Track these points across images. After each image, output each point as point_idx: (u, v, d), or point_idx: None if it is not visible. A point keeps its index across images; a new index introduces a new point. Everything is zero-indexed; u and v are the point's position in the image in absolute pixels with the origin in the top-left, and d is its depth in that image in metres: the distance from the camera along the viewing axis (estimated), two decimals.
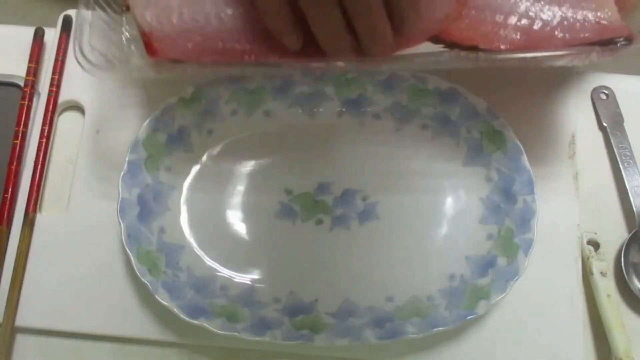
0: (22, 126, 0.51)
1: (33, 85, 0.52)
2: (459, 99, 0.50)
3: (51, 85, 0.52)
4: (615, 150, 0.52)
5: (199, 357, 0.47)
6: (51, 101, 0.52)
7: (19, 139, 0.51)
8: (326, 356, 0.46)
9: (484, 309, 0.44)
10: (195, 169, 0.50)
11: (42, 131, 0.51)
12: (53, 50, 0.53)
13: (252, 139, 0.51)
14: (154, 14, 0.44)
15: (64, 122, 0.53)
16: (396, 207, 0.50)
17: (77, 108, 0.53)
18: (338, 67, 0.44)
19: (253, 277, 0.48)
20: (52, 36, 0.54)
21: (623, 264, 0.49)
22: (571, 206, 0.50)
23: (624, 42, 0.42)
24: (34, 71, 0.53)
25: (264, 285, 0.47)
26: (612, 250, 0.50)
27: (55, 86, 0.52)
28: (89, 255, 0.48)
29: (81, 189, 0.50)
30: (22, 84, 0.53)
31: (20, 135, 0.51)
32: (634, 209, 0.51)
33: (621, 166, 0.52)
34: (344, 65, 0.44)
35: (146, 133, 0.48)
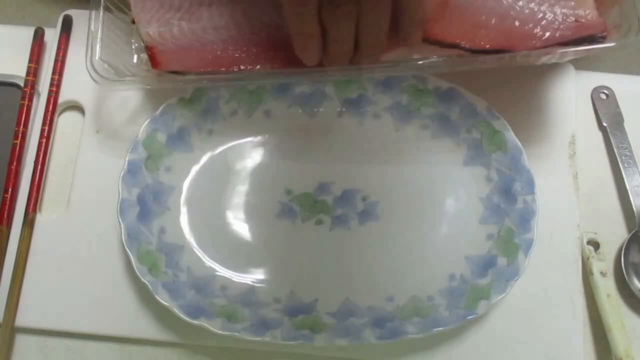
0: (22, 126, 0.51)
1: (33, 85, 0.52)
2: (459, 99, 0.50)
3: (51, 85, 0.52)
4: (615, 150, 0.52)
5: (199, 357, 0.47)
6: (51, 101, 0.52)
7: (19, 139, 0.51)
8: (326, 356, 0.46)
9: (484, 309, 0.44)
10: (195, 169, 0.50)
11: (42, 131, 0.51)
12: (53, 50, 0.53)
13: (252, 139, 0.52)
14: (156, 29, 0.46)
15: (64, 122, 0.53)
16: (396, 207, 0.50)
17: (77, 108, 0.53)
18: (334, 73, 0.46)
19: (253, 277, 0.48)
20: (52, 36, 0.54)
21: (623, 264, 0.49)
22: (571, 206, 0.50)
23: (600, 39, 0.42)
24: (34, 71, 0.53)
25: (264, 285, 0.47)
26: (612, 250, 0.50)
27: (55, 86, 0.52)
28: (89, 255, 0.48)
29: (81, 189, 0.50)
30: (22, 84, 0.53)
31: (20, 135, 0.51)
32: (634, 209, 0.51)
33: (621, 166, 0.52)
34: (341, 71, 0.45)
35: (146, 133, 0.48)
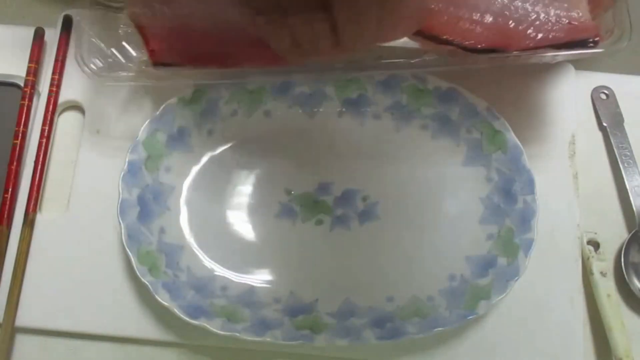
0: (22, 126, 0.51)
1: (33, 85, 0.52)
2: (459, 99, 0.50)
3: (51, 85, 0.52)
4: (615, 150, 0.52)
5: (199, 357, 0.47)
6: (51, 101, 0.52)
7: (19, 139, 0.51)
8: (326, 356, 0.46)
9: (484, 309, 0.44)
10: (195, 169, 0.50)
11: (42, 131, 0.51)
12: (53, 50, 0.53)
13: (252, 139, 0.51)
14: (140, 9, 0.44)
15: (64, 122, 0.53)
16: (396, 207, 0.50)
17: (77, 108, 0.53)
18: (334, 69, 0.45)
19: (253, 277, 0.48)
20: (52, 36, 0.54)
21: (623, 264, 0.49)
22: (571, 206, 0.50)
23: (592, 43, 0.43)
24: (34, 71, 0.53)
25: (264, 285, 0.47)
26: (612, 250, 0.50)
27: (55, 86, 0.52)
28: (89, 255, 0.48)
29: (81, 189, 0.50)
30: (22, 84, 0.52)
31: (20, 135, 0.51)
32: (634, 209, 0.51)
33: (621, 166, 0.52)
34: (341, 66, 0.44)
35: (146, 133, 0.48)
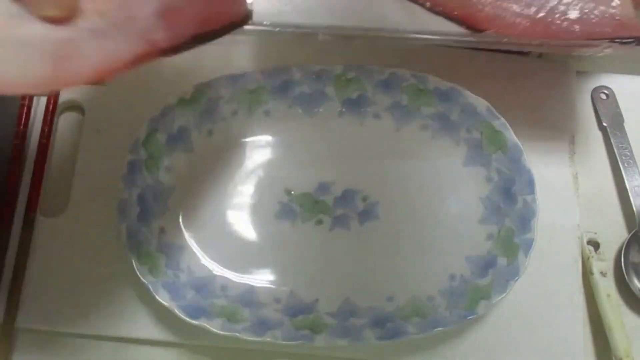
0: (22, 126, 0.51)
1: None
2: (459, 99, 0.50)
3: None
4: (615, 150, 0.52)
5: (199, 357, 0.47)
6: (51, 101, 0.52)
7: (19, 139, 0.51)
8: (326, 356, 0.46)
9: (484, 309, 0.44)
10: (195, 169, 0.50)
11: (42, 131, 0.51)
12: None
13: (252, 139, 0.51)
14: None
15: (64, 122, 0.53)
16: (396, 207, 0.50)
17: (77, 108, 0.53)
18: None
19: (253, 277, 0.48)
20: None
21: (623, 264, 0.49)
22: (571, 206, 0.50)
23: (635, 41, 0.42)
24: None
25: (264, 285, 0.47)
26: (612, 250, 0.50)
27: None
28: (89, 256, 0.48)
29: (81, 189, 0.50)
30: None
31: (20, 135, 0.51)
32: (634, 209, 0.51)
33: (621, 166, 0.52)
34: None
35: (146, 133, 0.48)
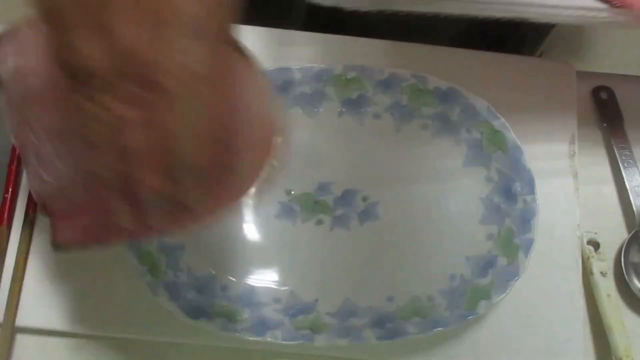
0: None
1: None
2: (459, 99, 0.50)
3: None
4: (615, 150, 0.52)
5: (199, 357, 0.47)
6: None
7: None
8: (326, 356, 0.46)
9: (484, 309, 0.44)
10: None
11: None
12: None
13: None
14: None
15: None
16: (396, 207, 0.50)
17: None
18: None
19: (253, 277, 0.48)
20: None
21: (623, 264, 0.49)
22: (571, 206, 0.50)
23: None
24: None
25: (264, 285, 0.47)
26: (612, 250, 0.50)
27: None
28: (89, 255, 0.48)
29: None
30: None
31: None
32: (634, 209, 0.51)
33: (621, 166, 0.52)
34: None
35: None
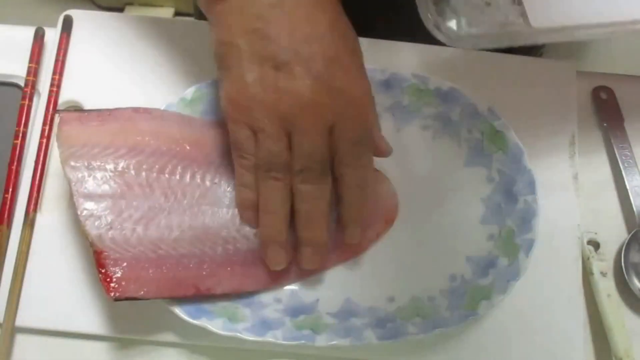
0: (22, 126, 0.51)
1: (33, 85, 0.52)
2: (460, 99, 0.50)
3: (51, 85, 0.52)
4: (615, 150, 0.53)
5: (199, 357, 0.47)
6: (51, 101, 0.52)
7: (19, 139, 0.51)
8: (327, 356, 0.46)
9: (485, 309, 0.44)
10: None
11: (42, 131, 0.51)
12: (53, 51, 0.53)
13: None
14: (106, 231, 0.43)
15: None
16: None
17: (77, 108, 0.53)
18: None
19: None
20: (52, 36, 0.54)
21: (623, 264, 0.49)
22: (571, 206, 0.50)
23: None
24: (34, 71, 0.53)
25: None
26: (612, 250, 0.50)
27: (56, 86, 0.52)
28: (89, 255, 0.48)
29: None
30: (22, 84, 0.52)
31: (20, 135, 0.51)
32: (634, 209, 0.51)
33: (621, 166, 0.52)
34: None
35: None
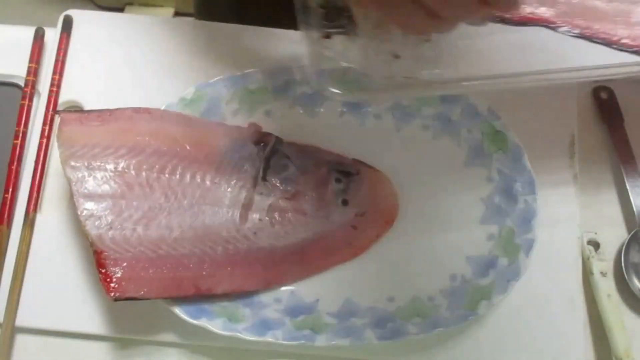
0: (22, 126, 0.51)
1: (33, 85, 0.52)
2: (460, 99, 0.50)
3: (51, 85, 0.52)
4: (616, 150, 0.53)
5: (199, 357, 0.47)
6: (51, 101, 0.52)
7: (19, 139, 0.51)
8: (327, 356, 0.46)
9: (485, 309, 0.44)
10: None
11: (42, 131, 0.51)
12: (53, 51, 0.53)
13: None
14: (106, 231, 0.43)
15: None
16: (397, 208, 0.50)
17: (77, 108, 0.53)
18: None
19: None
20: (52, 36, 0.54)
21: (623, 264, 0.49)
22: (571, 206, 0.50)
23: None
24: (34, 71, 0.53)
25: None
26: (612, 250, 0.50)
27: (56, 86, 0.52)
28: (89, 255, 0.48)
29: None
30: (22, 84, 0.52)
31: (20, 135, 0.51)
32: (634, 209, 0.51)
33: (621, 166, 0.52)
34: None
35: None
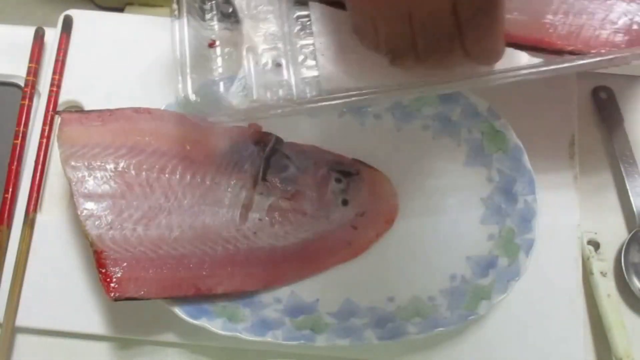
0: (22, 126, 0.51)
1: (33, 85, 0.52)
2: (460, 99, 0.50)
3: (51, 85, 0.52)
4: (615, 150, 0.53)
5: (199, 357, 0.47)
6: (51, 101, 0.52)
7: (19, 139, 0.51)
8: (327, 356, 0.46)
9: (485, 309, 0.44)
10: None
11: (42, 131, 0.51)
12: (53, 51, 0.53)
13: None
14: (107, 231, 0.43)
15: None
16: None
17: (77, 108, 0.53)
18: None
19: None
20: (52, 36, 0.54)
21: (623, 264, 0.49)
22: (571, 206, 0.50)
23: None
24: (34, 71, 0.53)
25: None
26: (612, 250, 0.50)
27: (56, 86, 0.52)
28: (89, 255, 0.48)
29: None
30: (22, 84, 0.53)
31: (20, 135, 0.51)
32: (634, 209, 0.51)
33: (621, 166, 0.52)
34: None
35: None
